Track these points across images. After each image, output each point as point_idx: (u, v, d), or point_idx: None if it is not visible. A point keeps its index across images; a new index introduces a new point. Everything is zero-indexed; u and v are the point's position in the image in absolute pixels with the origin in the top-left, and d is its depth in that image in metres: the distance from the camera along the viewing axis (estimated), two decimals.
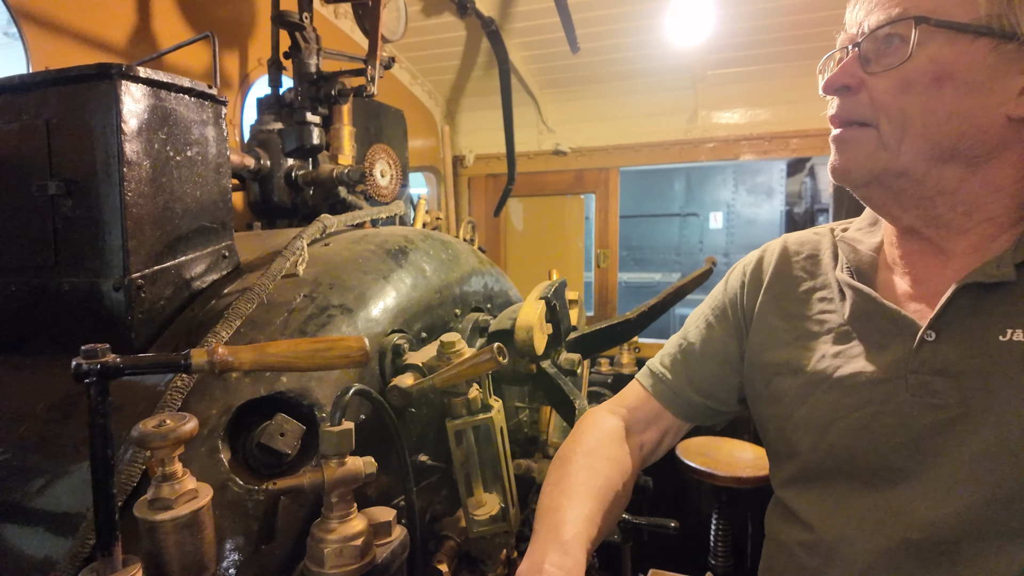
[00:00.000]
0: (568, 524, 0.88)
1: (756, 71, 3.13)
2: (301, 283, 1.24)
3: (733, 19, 2.75)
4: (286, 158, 1.76)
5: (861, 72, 0.86)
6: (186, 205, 1.22)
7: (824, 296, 1.03)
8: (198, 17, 2.15)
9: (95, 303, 1.12)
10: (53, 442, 1.03)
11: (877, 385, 0.89)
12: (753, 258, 1.17)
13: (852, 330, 0.96)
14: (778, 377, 1.03)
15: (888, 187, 0.88)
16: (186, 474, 0.71)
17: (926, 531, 0.82)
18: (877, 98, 0.84)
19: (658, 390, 1.20)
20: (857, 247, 1.02)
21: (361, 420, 1.14)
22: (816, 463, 0.96)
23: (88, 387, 0.61)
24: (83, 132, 1.10)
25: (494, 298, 1.74)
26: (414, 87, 3.68)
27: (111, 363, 0.61)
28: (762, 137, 3.25)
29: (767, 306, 1.09)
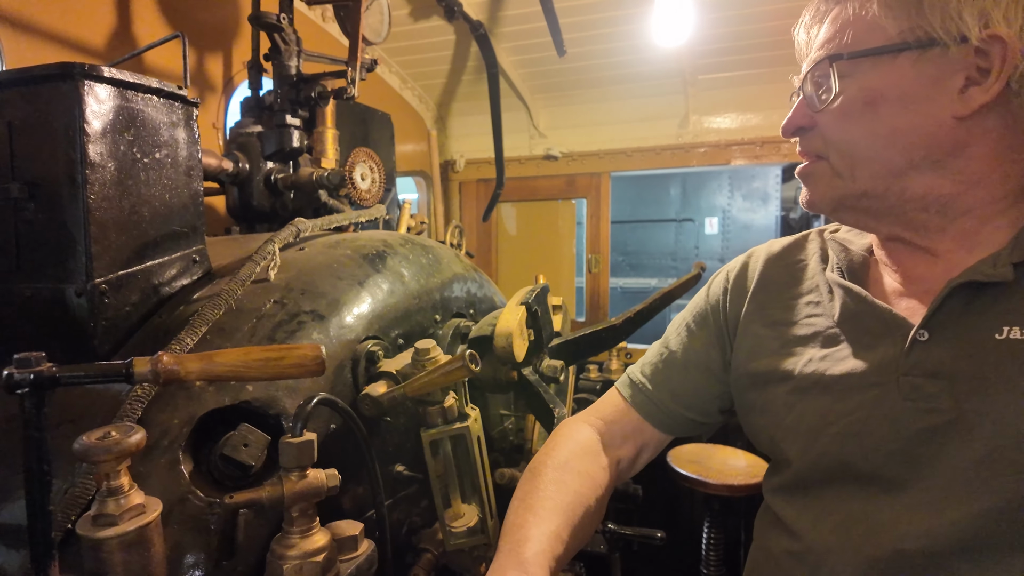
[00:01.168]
0: (531, 542, 0.85)
1: (747, 75, 3.12)
2: (272, 289, 1.21)
3: (723, 23, 2.74)
4: (266, 161, 1.73)
5: (810, 112, 0.91)
6: (154, 209, 1.19)
7: (811, 300, 1.01)
8: (179, 19, 2.13)
9: (58, 309, 1.09)
10: (10, 454, 0.99)
11: (868, 389, 0.86)
12: (737, 264, 1.15)
13: (841, 332, 0.93)
14: (767, 385, 1.00)
15: (854, 208, 0.91)
16: (133, 488, 0.68)
17: (918, 542, 0.78)
18: (825, 133, 0.89)
19: (637, 400, 1.17)
20: (848, 247, 1.00)
21: (332, 430, 1.10)
22: (806, 470, 0.93)
23: (21, 399, 0.57)
24: (46, 134, 1.07)
25: (477, 304, 1.71)
26: (404, 91, 3.66)
27: (46, 373, 0.58)
28: (753, 142, 3.24)
29: (752, 314, 1.07)
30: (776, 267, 1.09)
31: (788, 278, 1.06)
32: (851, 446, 0.87)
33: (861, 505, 0.86)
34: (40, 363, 0.59)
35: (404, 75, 3.60)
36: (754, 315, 1.07)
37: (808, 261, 1.06)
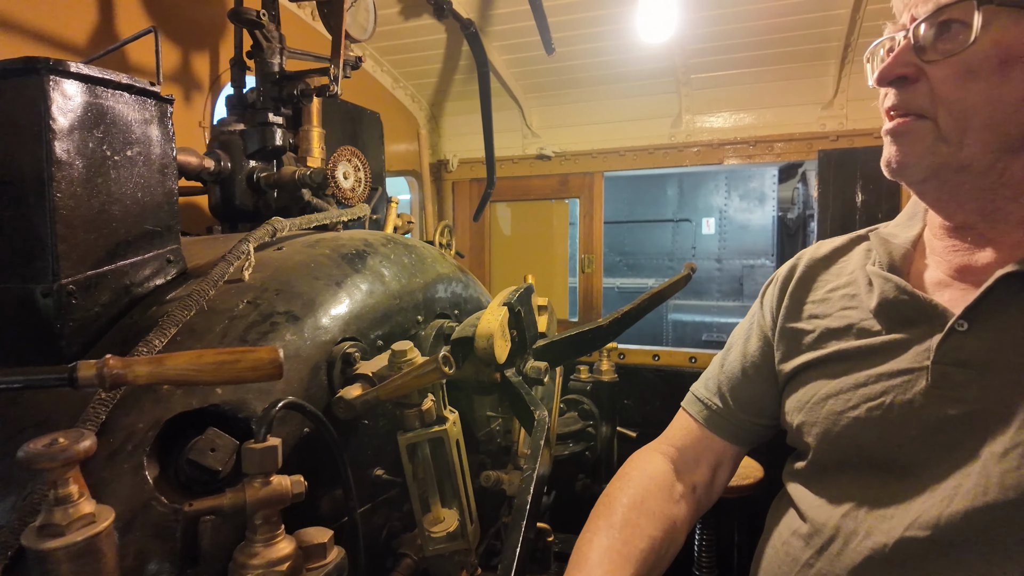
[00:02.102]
0: None
1: (740, 75, 3.10)
2: (245, 289, 1.18)
3: (715, 21, 2.71)
4: (248, 160, 1.71)
5: (918, 60, 0.80)
6: (126, 207, 1.16)
7: (848, 292, 1.01)
8: (162, 15, 2.10)
9: (25, 310, 1.06)
10: None
11: (896, 376, 0.86)
12: (785, 267, 1.16)
13: (877, 322, 0.93)
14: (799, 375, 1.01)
15: (946, 181, 0.83)
16: (84, 496, 0.65)
17: (929, 530, 0.77)
18: (937, 88, 0.79)
19: (706, 416, 1.17)
20: (891, 240, 0.99)
21: (306, 433, 1.08)
22: (824, 454, 0.94)
23: None
24: (11, 131, 1.05)
25: (463, 304, 1.69)
26: (396, 91, 3.63)
27: None
28: (746, 141, 3.21)
29: (789, 310, 1.08)
30: (818, 266, 1.09)
31: (827, 275, 1.06)
32: (870, 431, 0.86)
33: (874, 491, 0.85)
34: None
35: (396, 74, 3.57)
36: (791, 312, 1.07)
37: (851, 257, 1.06)
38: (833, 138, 2.98)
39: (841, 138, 2.96)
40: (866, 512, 0.85)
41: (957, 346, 0.81)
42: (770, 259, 8.06)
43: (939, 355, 0.82)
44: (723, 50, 2.95)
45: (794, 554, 0.93)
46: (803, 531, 0.93)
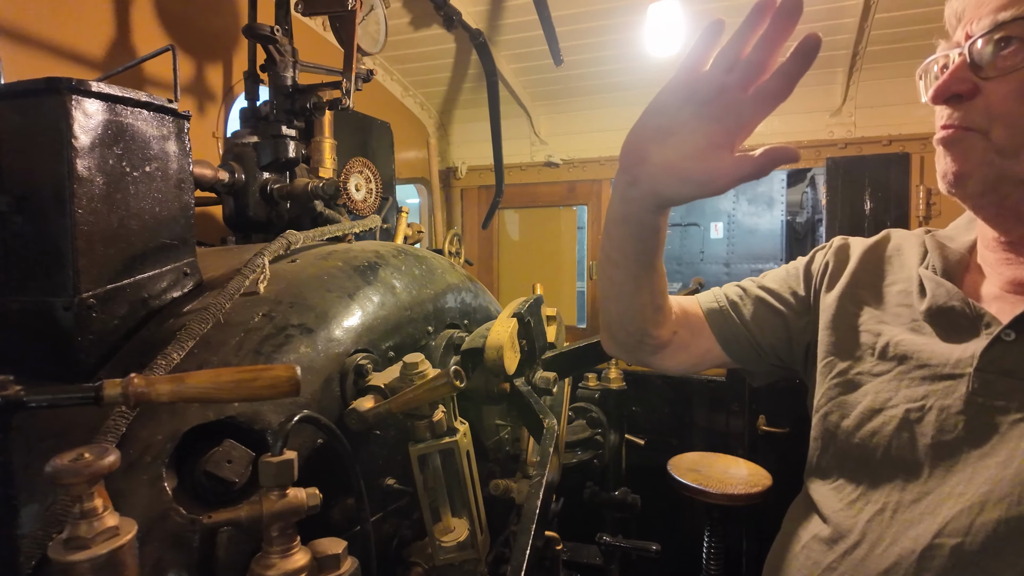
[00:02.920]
0: None
1: None
2: (260, 302, 1.20)
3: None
4: (262, 171, 1.73)
5: (974, 77, 0.80)
6: (143, 222, 1.19)
7: (903, 289, 1.00)
8: (178, 29, 2.14)
9: (45, 323, 1.09)
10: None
11: (938, 380, 0.86)
12: (847, 241, 1.15)
13: (926, 324, 0.93)
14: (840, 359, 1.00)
15: (1006, 196, 0.82)
16: (107, 510, 0.67)
17: (959, 537, 0.77)
18: (994, 104, 0.79)
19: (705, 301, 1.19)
20: (947, 244, 0.99)
21: (319, 444, 1.10)
22: (854, 450, 0.92)
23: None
24: (34, 148, 1.08)
25: (472, 314, 1.70)
26: (406, 99, 3.67)
27: (13, 397, 0.58)
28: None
29: (846, 290, 1.06)
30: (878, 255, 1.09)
31: (885, 267, 1.06)
32: (905, 432, 0.86)
33: (901, 495, 0.85)
34: (7, 387, 0.58)
35: (406, 83, 3.60)
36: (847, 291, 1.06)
37: (908, 254, 1.06)
38: (841, 145, 2.98)
39: (849, 145, 2.96)
40: (892, 516, 0.84)
41: (1002, 355, 0.81)
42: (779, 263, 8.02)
43: (983, 363, 0.82)
44: None
45: (815, 558, 0.92)
46: (824, 534, 0.92)
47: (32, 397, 0.60)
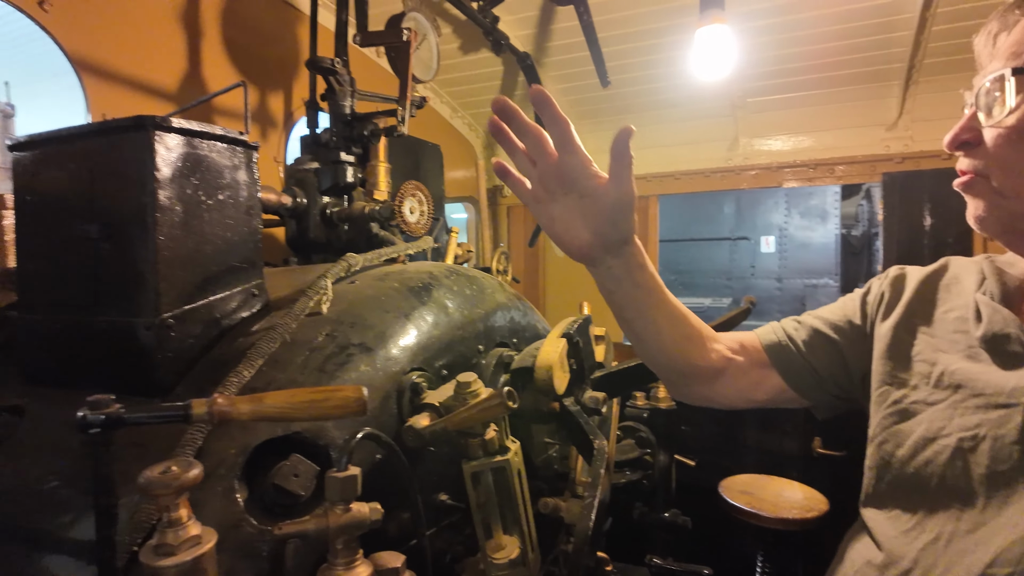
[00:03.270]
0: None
1: (798, 98, 3.06)
2: (323, 322, 1.26)
3: (770, 47, 2.71)
4: (321, 196, 1.82)
5: (978, 125, 0.87)
6: (216, 246, 1.27)
7: (960, 316, 1.00)
8: (244, 62, 2.27)
9: (128, 341, 1.17)
10: (84, 477, 1.07)
11: (993, 409, 0.85)
12: (904, 271, 1.15)
13: (981, 351, 0.92)
14: (895, 387, 1.00)
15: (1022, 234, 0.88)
16: (191, 519, 0.72)
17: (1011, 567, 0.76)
18: (991, 150, 0.85)
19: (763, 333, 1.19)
20: (1007, 270, 0.99)
21: (378, 459, 1.14)
22: (907, 480, 0.92)
23: (92, 438, 0.63)
24: (121, 179, 1.17)
25: (521, 332, 1.73)
26: (454, 120, 3.76)
27: (114, 414, 0.64)
28: (806, 164, 3.16)
29: (901, 320, 1.07)
30: (934, 283, 1.08)
31: (942, 295, 1.06)
32: (958, 461, 0.86)
33: (956, 524, 0.84)
34: (109, 405, 0.64)
35: (454, 104, 3.70)
36: (902, 320, 1.06)
37: (966, 280, 1.05)
38: (898, 160, 2.90)
39: (906, 160, 2.88)
40: (946, 545, 0.83)
41: None
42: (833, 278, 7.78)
43: None
44: (781, 74, 2.92)
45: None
46: (878, 561, 0.92)
47: (131, 415, 0.65)
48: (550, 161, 0.92)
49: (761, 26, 2.65)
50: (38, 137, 1.28)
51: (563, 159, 0.91)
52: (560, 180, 0.93)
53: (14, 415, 1.25)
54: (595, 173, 0.92)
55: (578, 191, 0.93)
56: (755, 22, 2.63)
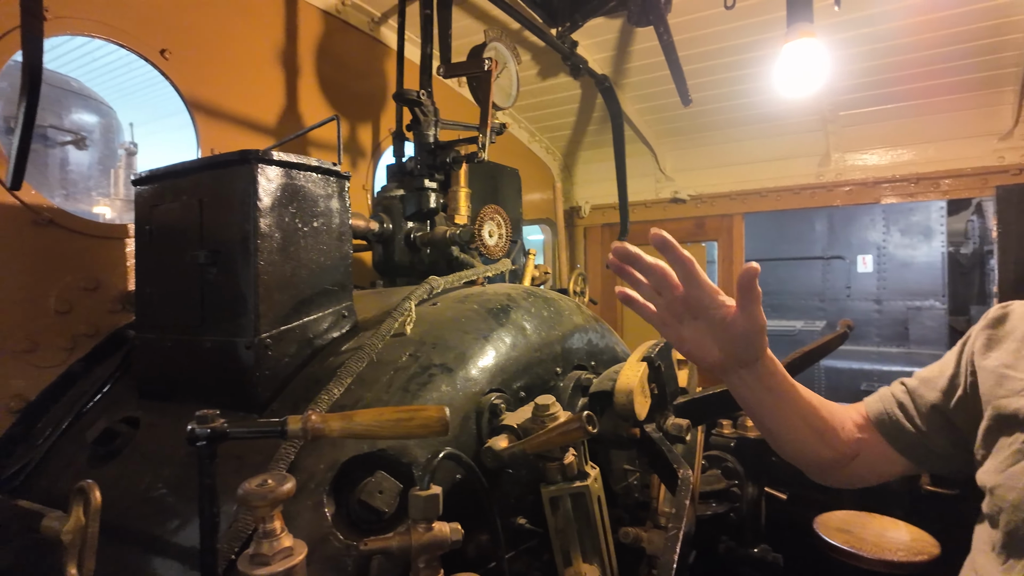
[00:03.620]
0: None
1: (895, 109, 2.88)
2: (407, 342, 1.30)
3: (866, 56, 2.57)
4: (406, 221, 1.89)
5: None
6: (311, 271, 1.35)
7: None
8: (336, 97, 2.41)
9: (230, 359, 1.26)
10: (188, 486, 1.15)
11: None
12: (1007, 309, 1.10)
13: None
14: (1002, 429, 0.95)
15: None
16: (284, 531, 0.76)
17: None
18: None
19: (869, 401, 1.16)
20: None
21: (458, 480, 1.15)
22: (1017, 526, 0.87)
23: (199, 450, 0.68)
24: (227, 208, 1.27)
25: (598, 355, 1.71)
26: (532, 144, 3.81)
27: (219, 429, 0.68)
28: (906, 179, 2.95)
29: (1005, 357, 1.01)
30: None
31: None
32: None
33: None
34: (214, 420, 0.69)
35: (532, 129, 3.75)
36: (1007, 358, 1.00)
37: None
38: (1014, 172, 2.65)
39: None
40: None
41: None
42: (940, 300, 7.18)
43: None
44: (876, 85, 2.77)
45: None
46: None
47: (234, 429, 0.70)
48: (677, 293, 0.94)
49: (852, 37, 2.53)
50: (156, 172, 1.42)
51: (689, 292, 0.93)
52: (688, 308, 0.95)
53: (131, 426, 1.37)
54: (723, 303, 0.94)
55: (708, 320, 0.94)
56: (845, 33, 2.51)
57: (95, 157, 4.83)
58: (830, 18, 2.42)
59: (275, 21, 2.22)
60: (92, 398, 1.51)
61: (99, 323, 1.69)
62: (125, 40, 1.79)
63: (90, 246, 1.70)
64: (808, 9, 2.01)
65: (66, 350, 1.63)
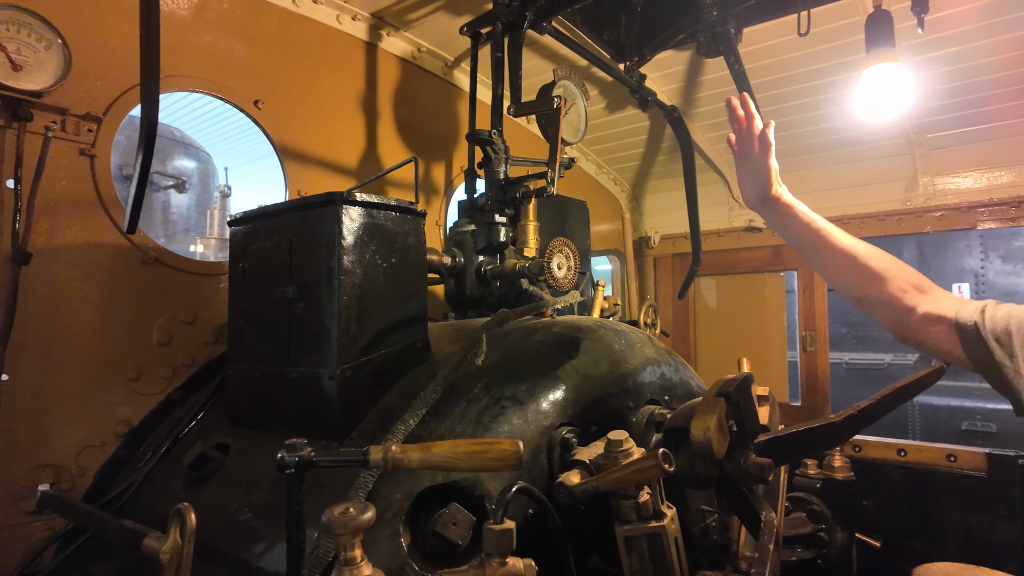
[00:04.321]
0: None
1: (988, 129, 2.70)
2: (479, 374, 1.33)
3: (952, 77, 2.44)
4: (477, 255, 1.94)
5: None
6: (389, 304, 1.40)
7: None
8: (413, 139, 2.53)
9: (314, 390, 1.33)
10: (273, 511, 1.21)
11: None
12: None
13: None
14: None
15: None
16: (364, 559, 0.78)
17: None
18: None
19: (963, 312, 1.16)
20: None
21: (530, 515, 1.15)
22: None
23: (288, 477, 0.72)
24: (314, 247, 1.35)
25: (672, 389, 1.68)
26: (600, 176, 3.83)
27: (307, 457, 0.72)
28: (1007, 202, 2.75)
29: None
30: None
31: None
32: None
33: None
34: (303, 448, 0.73)
35: (600, 161, 3.77)
36: None
37: None
38: None
39: None
40: None
41: None
42: None
43: None
44: (965, 105, 2.62)
45: None
46: None
47: (320, 458, 0.74)
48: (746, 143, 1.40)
49: (937, 57, 2.41)
50: (250, 213, 1.53)
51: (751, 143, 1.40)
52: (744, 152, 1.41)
53: (222, 452, 1.45)
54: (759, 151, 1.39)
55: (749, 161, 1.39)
56: (929, 54, 2.40)
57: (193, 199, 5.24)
58: (912, 39, 2.33)
59: (356, 71, 2.37)
60: (188, 424, 1.62)
61: (196, 354, 1.82)
62: (225, 94, 1.96)
63: (190, 282, 1.84)
64: (889, 34, 1.94)
65: (166, 379, 1.77)
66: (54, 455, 1.57)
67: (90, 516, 1.37)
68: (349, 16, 2.32)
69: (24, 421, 1.53)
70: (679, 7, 2.40)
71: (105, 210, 1.67)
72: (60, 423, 1.59)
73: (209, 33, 1.93)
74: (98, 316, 1.66)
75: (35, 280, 1.54)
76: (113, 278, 1.69)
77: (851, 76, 2.56)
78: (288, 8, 2.14)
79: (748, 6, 2.32)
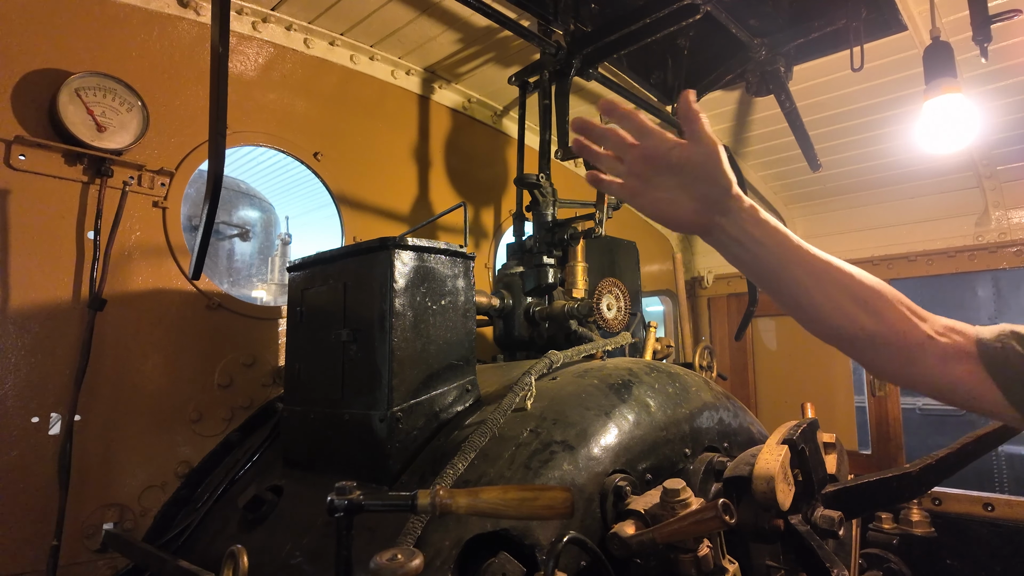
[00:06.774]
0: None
1: None
2: (528, 418, 1.31)
3: (1019, 108, 2.34)
4: (526, 296, 1.94)
5: None
6: (438, 346, 1.41)
7: None
8: (462, 184, 2.59)
9: (366, 432, 1.33)
10: (323, 556, 1.21)
11: None
12: None
13: None
14: None
15: None
16: None
17: None
18: None
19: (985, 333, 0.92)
20: None
21: (583, 567, 1.11)
22: None
23: (337, 521, 0.71)
24: (367, 291, 1.38)
25: (732, 436, 1.60)
26: None
27: (356, 501, 0.72)
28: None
29: None
30: None
31: None
32: None
33: None
34: (352, 492, 0.73)
35: None
36: None
37: None
38: None
39: None
40: None
41: None
42: None
43: None
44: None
45: None
46: None
47: (368, 502, 0.73)
48: (634, 151, 0.93)
49: (1004, 87, 2.31)
50: (308, 259, 1.58)
51: (643, 143, 0.92)
52: (648, 162, 0.92)
53: (275, 494, 1.47)
54: (676, 142, 0.92)
55: (667, 166, 0.92)
56: (995, 84, 2.31)
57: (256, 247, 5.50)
58: (975, 70, 2.25)
59: (410, 122, 2.46)
60: (244, 466, 1.65)
61: (254, 396, 1.87)
62: (287, 147, 2.07)
63: (250, 326, 1.91)
64: (950, 65, 1.88)
65: (225, 420, 1.82)
66: (119, 495, 1.63)
67: (150, 556, 1.40)
68: (403, 71, 2.44)
69: (94, 461, 1.60)
70: (727, 48, 2.40)
71: (174, 258, 1.77)
72: (126, 463, 1.65)
73: (273, 91, 2.05)
74: (164, 359, 1.73)
75: (108, 325, 1.63)
76: (179, 323, 1.77)
77: (911, 109, 2.48)
78: (346, 66, 2.27)
79: (798, 44, 2.31)
